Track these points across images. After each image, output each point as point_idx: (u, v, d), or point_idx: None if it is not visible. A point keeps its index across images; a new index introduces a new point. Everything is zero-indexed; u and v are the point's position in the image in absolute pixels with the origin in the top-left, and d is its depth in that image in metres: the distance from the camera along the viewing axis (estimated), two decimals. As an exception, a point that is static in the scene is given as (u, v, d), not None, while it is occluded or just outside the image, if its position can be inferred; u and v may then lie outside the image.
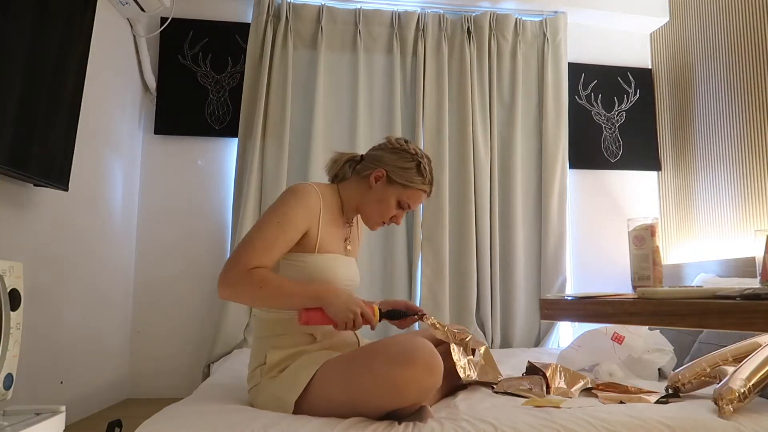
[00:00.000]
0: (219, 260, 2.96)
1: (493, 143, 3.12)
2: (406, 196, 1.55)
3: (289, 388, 1.39)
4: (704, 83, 3.06)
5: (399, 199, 1.55)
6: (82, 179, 2.33)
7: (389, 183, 1.54)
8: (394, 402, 1.30)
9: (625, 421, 1.35)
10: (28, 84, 1.74)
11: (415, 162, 1.54)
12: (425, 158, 1.57)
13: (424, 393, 1.31)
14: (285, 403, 1.38)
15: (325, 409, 1.35)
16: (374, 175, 1.54)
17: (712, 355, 1.69)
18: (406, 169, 1.53)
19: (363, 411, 1.33)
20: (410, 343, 1.31)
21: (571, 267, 3.21)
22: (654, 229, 1.27)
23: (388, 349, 1.32)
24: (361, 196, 1.57)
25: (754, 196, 2.71)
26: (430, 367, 1.28)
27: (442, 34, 3.14)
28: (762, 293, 0.84)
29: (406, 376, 1.26)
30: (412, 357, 1.27)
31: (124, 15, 2.75)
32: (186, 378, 2.80)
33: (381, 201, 1.55)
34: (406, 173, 1.53)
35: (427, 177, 1.56)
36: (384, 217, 1.57)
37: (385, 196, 1.54)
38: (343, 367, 1.36)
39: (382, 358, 1.30)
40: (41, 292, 2.05)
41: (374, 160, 1.57)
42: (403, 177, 1.53)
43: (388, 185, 1.54)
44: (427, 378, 1.28)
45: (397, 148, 1.56)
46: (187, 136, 3.03)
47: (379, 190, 1.54)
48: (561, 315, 1.21)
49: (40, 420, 1.33)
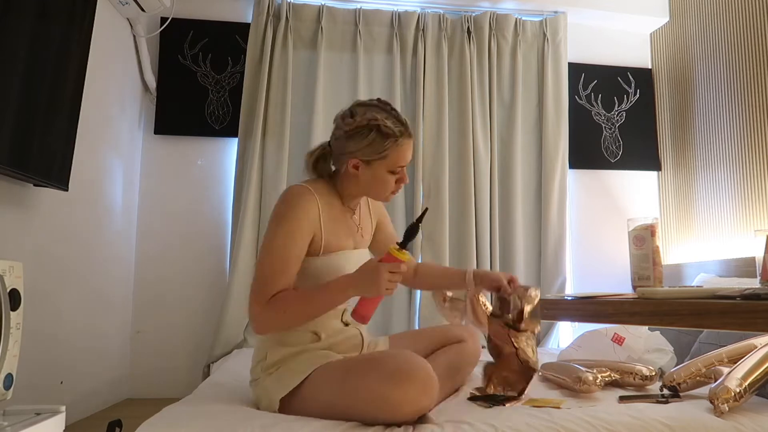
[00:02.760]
0: (219, 260, 2.97)
1: (493, 143, 3.12)
2: (393, 161, 1.46)
3: (280, 385, 1.39)
4: (704, 83, 3.06)
5: (389, 169, 1.47)
6: (82, 179, 2.33)
7: (368, 164, 1.46)
8: (386, 419, 1.29)
9: (626, 421, 1.35)
10: (28, 84, 1.74)
11: (373, 130, 1.42)
12: (381, 113, 1.45)
13: (417, 412, 1.29)
14: (272, 399, 1.38)
15: (315, 409, 1.34)
16: (351, 166, 1.47)
17: (707, 356, 1.69)
18: (371, 143, 1.43)
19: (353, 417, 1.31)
20: (408, 361, 1.29)
21: (571, 267, 3.21)
22: (654, 229, 1.27)
23: (385, 365, 1.30)
24: (355, 185, 1.51)
25: (754, 196, 2.71)
26: (425, 387, 1.26)
27: (442, 34, 3.14)
28: (762, 293, 0.84)
29: (399, 395, 1.25)
30: (408, 376, 1.26)
31: (124, 15, 2.75)
32: (186, 378, 2.80)
33: (374, 180, 1.48)
34: (374, 146, 1.43)
35: (394, 131, 1.43)
36: (388, 190, 1.51)
37: (374, 174, 1.47)
38: (339, 375, 1.35)
39: (378, 374, 1.28)
40: (41, 292, 2.05)
41: (340, 154, 1.49)
42: (375, 152, 1.44)
43: (369, 166, 1.46)
44: (422, 398, 1.27)
45: (349, 131, 1.45)
46: (187, 136, 3.03)
47: (365, 173, 1.47)
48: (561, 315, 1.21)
49: (40, 420, 1.33)
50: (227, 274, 2.90)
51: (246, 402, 1.49)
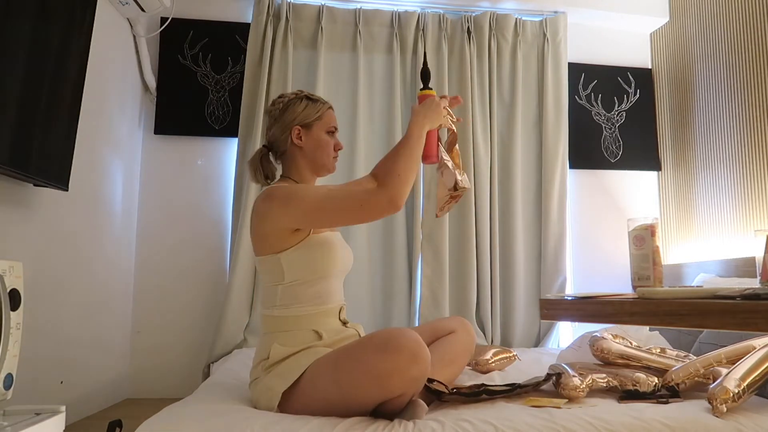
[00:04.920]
0: (219, 260, 2.97)
1: (493, 143, 3.12)
2: (326, 122, 1.64)
3: (281, 380, 1.40)
4: (704, 83, 3.06)
5: (326, 130, 1.63)
6: (82, 179, 2.33)
7: (308, 128, 1.62)
8: (380, 392, 1.31)
9: (626, 421, 1.35)
10: (28, 84, 1.74)
11: (301, 99, 1.63)
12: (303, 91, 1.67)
13: (409, 383, 1.31)
14: (273, 394, 1.39)
15: (313, 404, 1.36)
16: (293, 136, 1.61)
17: (706, 356, 1.69)
18: (305, 107, 1.62)
19: (351, 404, 1.34)
20: (396, 332, 1.32)
21: (571, 267, 3.21)
22: (654, 229, 1.27)
23: (373, 338, 1.34)
24: (303, 160, 1.63)
25: (754, 196, 2.71)
26: (414, 356, 1.28)
27: (442, 34, 3.14)
28: (762, 293, 0.84)
29: (389, 365, 1.27)
30: (396, 345, 1.28)
31: (124, 15, 2.75)
32: (186, 378, 2.80)
33: (317, 144, 1.62)
34: (309, 110, 1.62)
35: (319, 99, 1.66)
36: (331, 153, 1.65)
37: (316, 138, 1.62)
38: (332, 360, 1.38)
39: (368, 347, 1.32)
40: (41, 292, 2.05)
41: (281, 132, 1.62)
42: (310, 115, 1.62)
43: (309, 130, 1.62)
44: (412, 366, 1.28)
45: (282, 108, 1.63)
46: (187, 136, 3.03)
47: (308, 140, 1.62)
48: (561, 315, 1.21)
49: (40, 420, 1.33)
50: (227, 274, 2.90)
51: (246, 402, 1.49)
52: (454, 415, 1.39)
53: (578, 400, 1.58)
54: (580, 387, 1.60)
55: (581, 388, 1.60)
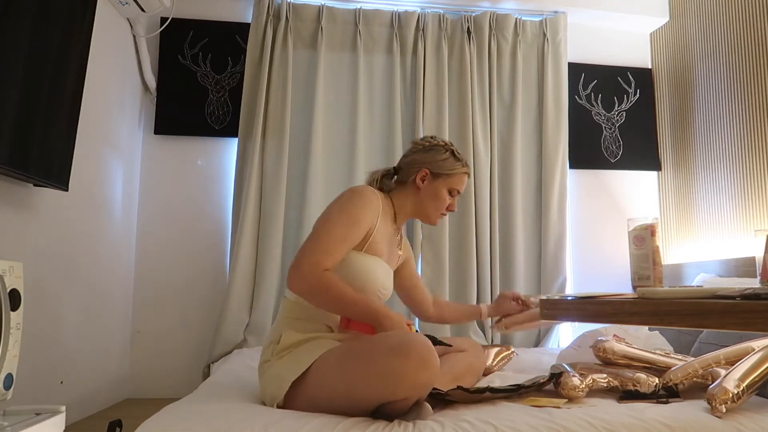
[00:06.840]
0: (219, 260, 2.97)
1: (493, 143, 3.12)
2: (453, 182, 1.68)
3: (290, 369, 1.41)
4: (704, 83, 3.06)
5: (449, 188, 1.68)
6: (82, 179, 2.33)
7: (435, 178, 1.67)
8: (387, 393, 1.31)
9: (626, 421, 1.35)
10: (28, 84, 1.74)
11: (449, 151, 1.69)
12: (453, 146, 1.73)
13: (416, 388, 1.31)
14: (283, 382, 1.40)
15: (318, 396, 1.37)
16: (419, 176, 1.66)
17: (704, 357, 1.69)
18: (445, 159, 1.67)
19: (355, 401, 1.34)
20: (408, 336, 1.33)
21: (571, 267, 3.21)
22: (654, 229, 1.27)
23: (386, 339, 1.34)
24: (414, 200, 1.68)
25: (754, 196, 2.71)
26: (423, 362, 1.28)
27: (442, 34, 3.14)
28: (762, 293, 0.84)
29: (399, 368, 1.27)
30: (408, 349, 1.29)
31: (124, 15, 2.75)
32: (186, 378, 2.80)
33: (434, 196, 1.67)
34: (446, 163, 1.67)
35: (463, 160, 1.71)
36: (441, 209, 1.69)
37: (436, 190, 1.67)
38: (341, 353, 1.39)
39: (380, 348, 1.32)
40: (41, 292, 2.05)
41: (413, 164, 1.68)
42: (445, 168, 1.67)
43: (434, 180, 1.67)
44: (421, 372, 1.29)
45: (428, 146, 1.70)
46: (187, 136, 3.03)
47: (428, 187, 1.67)
48: (561, 315, 1.21)
49: (40, 420, 1.33)
50: (227, 274, 2.90)
51: (247, 400, 1.49)
52: (454, 415, 1.39)
53: (578, 400, 1.58)
54: (580, 387, 1.60)
55: (581, 388, 1.60)
